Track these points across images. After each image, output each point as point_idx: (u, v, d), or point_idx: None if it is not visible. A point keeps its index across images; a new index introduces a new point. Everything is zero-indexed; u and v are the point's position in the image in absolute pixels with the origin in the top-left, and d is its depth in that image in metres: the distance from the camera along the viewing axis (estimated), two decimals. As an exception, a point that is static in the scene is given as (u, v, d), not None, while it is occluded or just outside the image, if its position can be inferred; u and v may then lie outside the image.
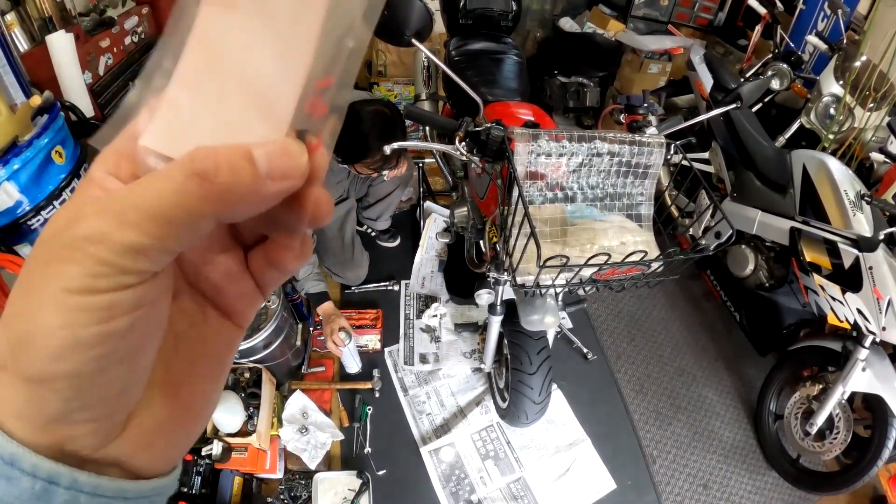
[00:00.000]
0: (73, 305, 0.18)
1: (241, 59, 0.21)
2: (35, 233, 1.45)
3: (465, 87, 1.33)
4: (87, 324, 0.18)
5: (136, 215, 0.18)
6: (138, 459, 0.23)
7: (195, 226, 0.19)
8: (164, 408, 0.23)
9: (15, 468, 0.19)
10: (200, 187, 0.18)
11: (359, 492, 1.79)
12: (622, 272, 1.14)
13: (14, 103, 1.40)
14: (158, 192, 0.18)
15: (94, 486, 0.20)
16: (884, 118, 2.29)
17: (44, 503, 0.19)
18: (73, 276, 0.18)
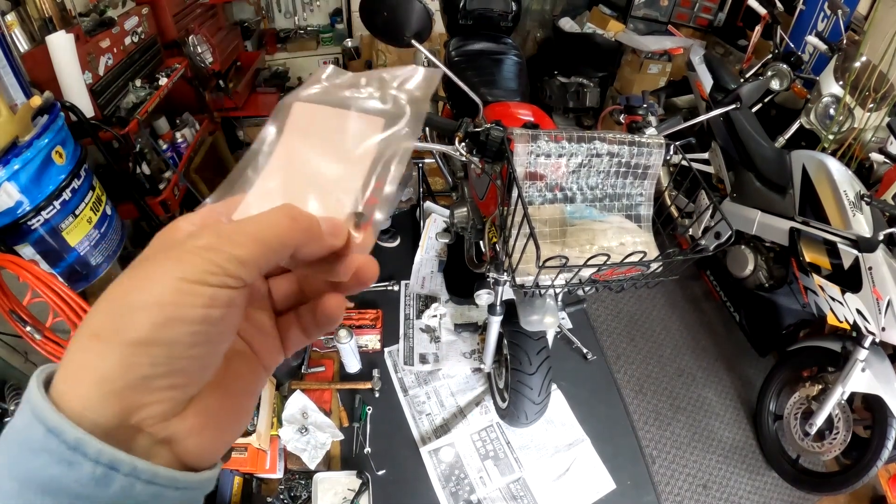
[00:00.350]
0: (186, 290, 0.23)
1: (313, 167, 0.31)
2: (35, 233, 1.45)
3: (464, 87, 1.33)
4: (193, 305, 0.23)
5: (244, 238, 0.25)
6: (189, 442, 0.25)
7: (280, 252, 0.26)
8: (217, 403, 0.27)
9: (78, 453, 0.21)
10: (289, 225, 0.26)
11: (358, 492, 1.79)
12: (622, 272, 1.14)
13: (14, 103, 1.40)
14: (260, 224, 0.26)
15: (151, 473, 0.23)
16: (883, 119, 2.29)
17: (102, 488, 0.21)
18: (190, 270, 0.23)
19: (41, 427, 0.21)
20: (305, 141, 0.32)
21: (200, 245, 0.24)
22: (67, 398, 0.22)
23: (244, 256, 0.24)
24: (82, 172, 1.55)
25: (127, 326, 0.22)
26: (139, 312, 0.22)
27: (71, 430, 0.21)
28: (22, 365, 1.63)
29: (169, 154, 2.26)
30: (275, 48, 3.91)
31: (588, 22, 3.85)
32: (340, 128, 0.32)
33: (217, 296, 0.23)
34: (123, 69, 2.04)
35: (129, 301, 0.23)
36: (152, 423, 0.23)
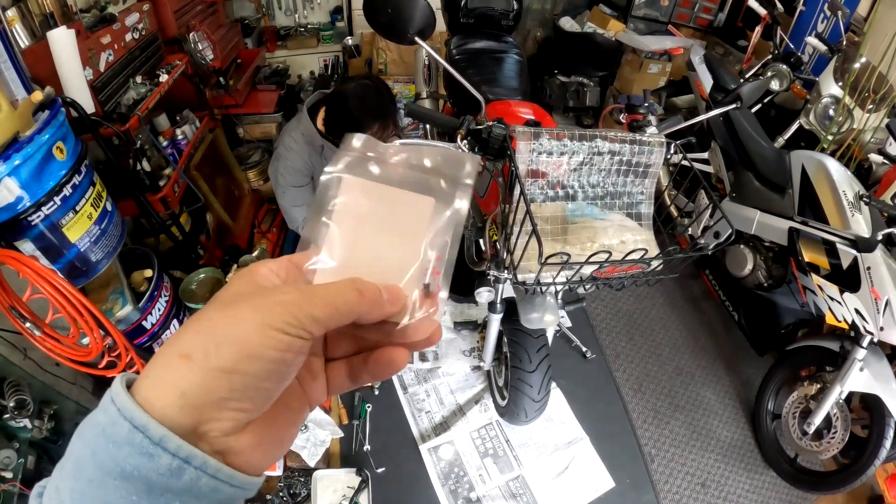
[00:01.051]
0: (269, 335, 0.27)
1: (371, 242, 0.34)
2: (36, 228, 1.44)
3: (466, 85, 1.33)
4: (272, 347, 0.27)
5: (320, 301, 0.30)
6: (240, 458, 0.29)
7: (347, 317, 0.31)
8: (269, 430, 0.31)
9: (159, 447, 0.25)
10: (357, 297, 0.31)
11: (358, 489, 1.79)
12: (622, 270, 1.14)
13: (15, 99, 1.40)
14: (335, 292, 0.31)
15: (216, 469, 0.27)
16: (883, 120, 2.29)
17: (174, 478, 0.26)
18: (275, 319, 0.28)
19: (127, 424, 0.25)
20: (362, 217, 0.34)
21: (286, 300, 0.29)
22: (151, 402, 0.26)
23: (318, 316, 0.29)
24: (83, 168, 1.55)
25: (214, 354, 0.27)
26: (226, 345, 0.27)
27: (157, 428, 0.25)
28: (21, 361, 1.63)
29: (169, 151, 2.25)
30: (275, 46, 3.90)
31: (588, 21, 3.85)
32: (393, 206, 0.34)
33: (292, 344, 0.28)
34: (124, 65, 2.04)
35: (218, 333, 0.27)
36: (215, 435, 0.27)
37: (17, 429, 1.51)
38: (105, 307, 1.77)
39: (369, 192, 0.34)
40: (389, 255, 0.34)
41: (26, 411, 1.51)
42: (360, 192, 0.34)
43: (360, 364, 0.37)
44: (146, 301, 1.85)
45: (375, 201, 0.34)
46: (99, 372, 1.58)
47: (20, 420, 1.50)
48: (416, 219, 0.34)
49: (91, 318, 1.42)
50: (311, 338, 0.29)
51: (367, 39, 3.78)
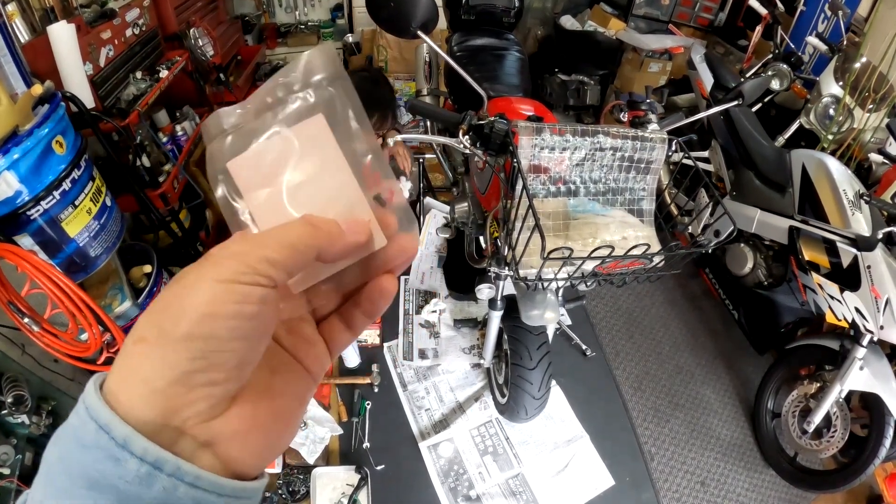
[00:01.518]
0: (220, 290, 0.24)
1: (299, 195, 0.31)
2: (35, 223, 1.44)
3: (469, 79, 1.33)
4: (226, 301, 0.24)
5: (271, 241, 0.26)
6: (232, 446, 0.26)
7: (306, 254, 0.27)
8: (262, 406, 0.28)
9: (125, 450, 0.22)
10: (312, 231, 0.28)
11: (357, 487, 1.79)
12: (624, 266, 1.14)
13: (15, 93, 1.39)
14: (286, 230, 0.28)
15: (194, 476, 0.23)
16: (883, 119, 2.29)
17: (145, 487, 0.22)
18: (224, 272, 0.24)
19: (93, 424, 0.22)
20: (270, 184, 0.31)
21: (234, 250, 0.26)
22: (117, 399, 0.23)
23: (272, 257, 0.26)
24: (82, 163, 1.54)
25: (168, 328, 0.24)
26: (179, 315, 0.24)
27: (120, 427, 0.22)
28: (19, 357, 1.62)
29: (169, 147, 2.25)
30: (275, 43, 3.90)
31: (589, 20, 3.85)
32: (289, 151, 0.31)
33: (250, 293, 0.25)
34: (124, 61, 2.03)
35: (170, 307, 0.24)
36: (194, 423, 0.24)
37: (15, 425, 1.50)
38: (104, 303, 1.77)
39: (258, 160, 0.31)
40: (322, 194, 0.31)
41: (24, 407, 1.51)
42: (251, 167, 0.31)
43: (353, 309, 0.35)
44: (145, 297, 1.84)
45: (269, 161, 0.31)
46: (97, 368, 1.57)
47: (18, 416, 1.50)
48: (321, 145, 0.31)
49: (90, 314, 1.41)
50: (272, 284, 0.25)
51: (368, 37, 3.77)
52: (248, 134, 0.31)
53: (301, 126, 0.31)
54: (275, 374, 0.30)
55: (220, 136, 0.32)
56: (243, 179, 0.31)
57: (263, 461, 0.28)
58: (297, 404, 0.32)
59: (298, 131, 0.30)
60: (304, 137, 0.31)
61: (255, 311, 0.25)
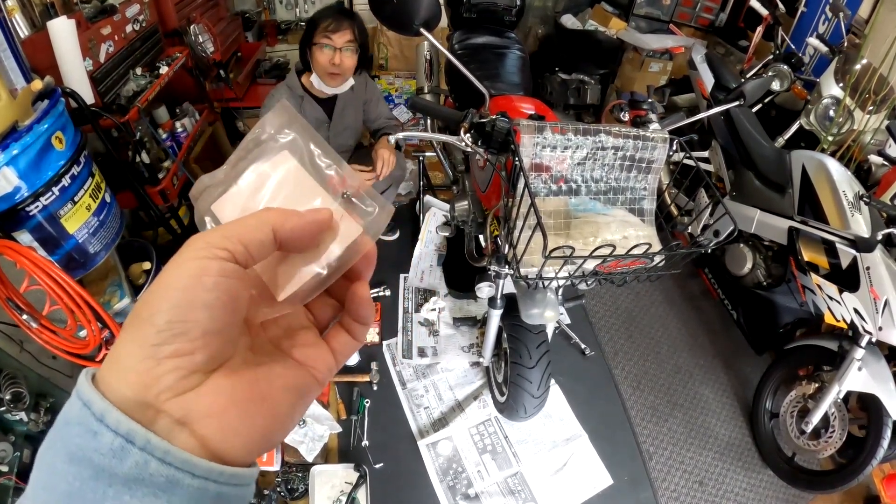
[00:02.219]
0: (182, 266, 0.26)
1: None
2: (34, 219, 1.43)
3: (471, 77, 1.32)
4: (186, 275, 0.26)
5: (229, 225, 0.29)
6: (209, 423, 0.26)
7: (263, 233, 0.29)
8: (240, 383, 0.28)
9: (102, 423, 0.23)
10: (265, 212, 0.30)
11: (356, 485, 1.79)
12: (624, 265, 1.14)
13: (14, 88, 1.39)
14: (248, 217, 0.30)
15: (164, 451, 0.23)
16: (883, 121, 2.30)
17: (118, 461, 0.23)
18: (186, 254, 0.27)
19: (78, 402, 0.24)
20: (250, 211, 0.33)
21: (194, 237, 0.28)
22: (104, 381, 0.25)
23: (228, 233, 0.28)
24: (82, 159, 1.54)
25: (139, 311, 0.26)
26: (148, 298, 0.26)
27: (99, 402, 0.23)
28: (18, 354, 1.62)
29: (168, 143, 2.24)
30: (275, 40, 3.89)
31: (590, 19, 3.85)
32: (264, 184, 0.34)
33: (206, 266, 0.26)
34: (124, 57, 2.03)
35: (148, 296, 0.26)
36: (167, 397, 0.24)
37: (14, 422, 1.50)
38: (103, 299, 1.76)
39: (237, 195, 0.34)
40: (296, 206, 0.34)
41: (22, 404, 1.50)
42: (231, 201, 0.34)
43: (347, 317, 0.36)
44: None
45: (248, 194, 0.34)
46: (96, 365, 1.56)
47: (16, 413, 1.49)
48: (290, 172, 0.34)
49: (89, 311, 1.41)
50: (230, 257, 0.27)
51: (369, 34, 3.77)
52: (228, 181, 0.34)
53: (271, 161, 0.34)
54: (261, 363, 0.31)
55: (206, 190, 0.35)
56: (226, 215, 0.34)
57: (250, 448, 0.27)
58: (291, 396, 0.31)
59: (270, 165, 0.34)
60: (274, 170, 0.34)
61: (214, 281, 0.26)
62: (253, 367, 0.30)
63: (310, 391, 0.33)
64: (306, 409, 0.34)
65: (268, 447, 0.29)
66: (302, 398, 0.32)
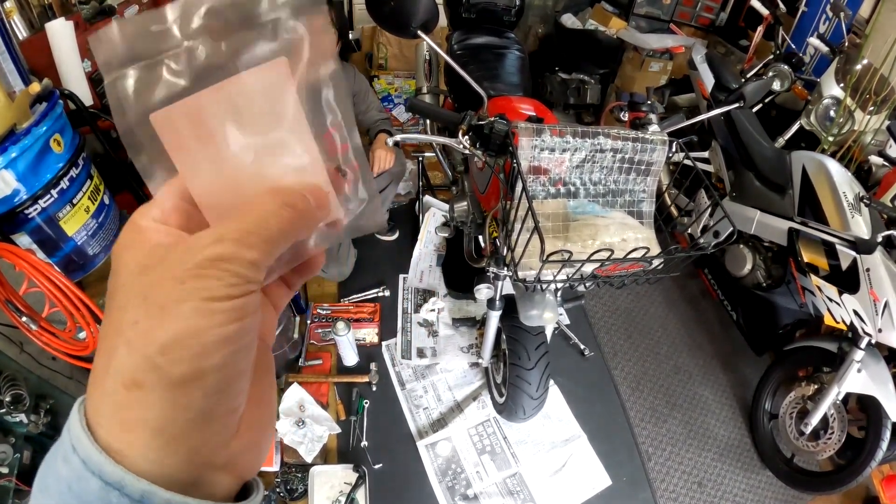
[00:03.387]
0: (217, 309, 0.21)
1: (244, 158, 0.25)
2: (32, 221, 1.44)
3: (469, 79, 1.32)
4: (228, 322, 0.21)
5: (254, 239, 0.23)
6: (245, 459, 0.25)
7: (285, 245, 0.24)
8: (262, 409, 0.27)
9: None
10: (292, 214, 0.24)
11: (355, 485, 1.79)
12: (623, 268, 1.14)
13: (12, 90, 1.39)
14: (265, 219, 0.24)
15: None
16: (883, 122, 2.29)
17: None
18: (214, 288, 0.21)
19: (97, 480, 0.20)
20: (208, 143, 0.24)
21: (213, 255, 0.22)
22: (123, 454, 0.21)
23: (258, 259, 0.23)
24: (80, 161, 1.54)
25: (166, 368, 0.21)
26: (174, 350, 0.21)
27: (135, 483, 0.20)
28: (17, 356, 1.62)
29: (167, 144, 2.24)
30: (275, 40, 3.88)
31: (590, 18, 3.84)
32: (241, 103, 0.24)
33: (245, 305, 0.22)
34: (123, 58, 2.02)
35: (156, 338, 0.21)
36: (215, 453, 0.23)
37: (14, 424, 1.50)
38: (102, 301, 1.76)
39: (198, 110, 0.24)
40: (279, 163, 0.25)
41: (22, 406, 1.50)
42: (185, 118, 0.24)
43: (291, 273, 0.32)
44: (144, 295, 1.84)
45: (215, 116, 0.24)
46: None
47: (16, 415, 1.49)
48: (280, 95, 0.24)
49: (88, 313, 1.41)
50: (260, 286, 0.23)
51: (368, 34, 3.76)
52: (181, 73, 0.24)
53: (257, 70, 0.24)
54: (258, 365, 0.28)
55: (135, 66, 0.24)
56: (172, 138, 0.24)
57: (263, 458, 0.28)
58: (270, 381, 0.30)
59: (254, 76, 0.24)
60: (259, 85, 0.24)
61: (253, 321, 0.23)
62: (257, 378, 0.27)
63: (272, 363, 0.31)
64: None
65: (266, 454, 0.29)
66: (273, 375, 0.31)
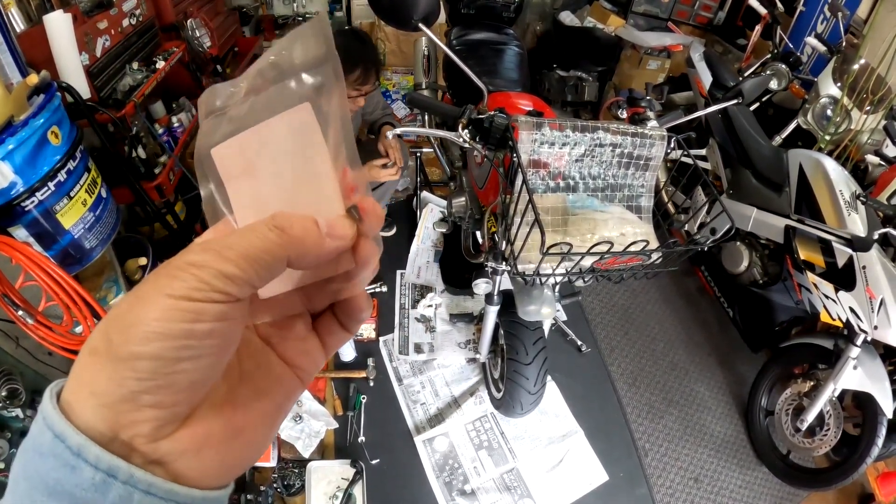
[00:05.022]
0: (170, 305, 0.23)
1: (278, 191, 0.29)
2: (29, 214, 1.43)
3: (469, 73, 1.32)
4: (176, 320, 0.23)
5: (231, 253, 0.24)
6: (183, 463, 0.25)
7: (273, 265, 0.25)
8: (218, 423, 0.27)
9: (80, 458, 0.22)
10: (279, 236, 0.25)
11: (352, 481, 1.79)
12: (622, 262, 1.14)
13: (10, 82, 1.38)
14: (249, 238, 0.25)
15: (148, 483, 0.23)
16: (880, 121, 2.30)
17: (100, 494, 0.22)
18: (177, 287, 0.23)
19: (49, 433, 0.23)
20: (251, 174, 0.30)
21: (188, 261, 0.24)
22: (72, 408, 0.23)
23: (230, 271, 0.24)
24: (78, 154, 1.53)
25: (116, 342, 0.23)
26: (130, 329, 0.23)
27: (74, 436, 0.22)
28: (13, 350, 1.61)
29: (165, 138, 2.23)
30: (273, 34, 3.88)
31: (588, 16, 3.85)
32: (273, 140, 0.29)
33: (203, 310, 0.23)
34: (121, 51, 2.01)
35: (123, 319, 0.23)
36: (141, 442, 0.24)
37: (9, 419, 1.49)
38: (99, 295, 1.76)
39: (242, 148, 0.29)
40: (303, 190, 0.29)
41: (18, 401, 1.50)
42: (234, 155, 0.30)
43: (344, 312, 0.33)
44: (141, 289, 1.83)
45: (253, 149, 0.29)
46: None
47: (12, 410, 1.49)
48: (307, 137, 0.29)
49: (85, 307, 1.40)
50: (231, 299, 0.24)
51: (366, 29, 3.75)
52: (235, 119, 0.30)
53: (287, 115, 0.29)
54: (244, 382, 0.29)
55: (211, 117, 0.31)
56: (225, 168, 0.30)
57: (223, 477, 0.27)
58: (270, 417, 0.30)
59: (284, 120, 0.29)
60: (289, 127, 0.29)
61: (208, 328, 0.23)
62: (230, 395, 0.28)
63: (291, 396, 0.32)
64: (285, 416, 0.32)
65: (242, 470, 0.29)
66: (282, 410, 0.31)
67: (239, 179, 0.30)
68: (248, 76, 0.31)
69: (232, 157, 0.30)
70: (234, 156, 0.30)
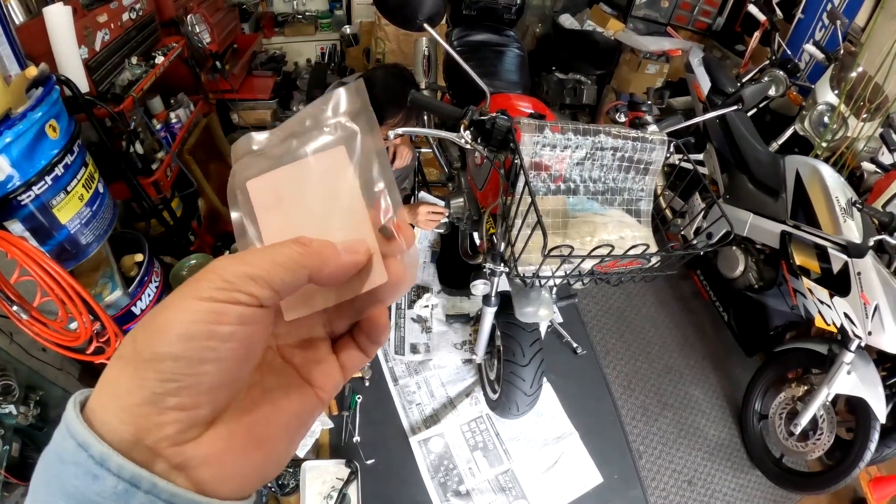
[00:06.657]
0: (195, 307, 0.23)
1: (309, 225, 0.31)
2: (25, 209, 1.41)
3: (473, 75, 1.32)
4: (199, 321, 0.23)
5: (254, 258, 0.26)
6: (205, 471, 0.25)
7: (294, 271, 0.26)
8: (240, 431, 0.27)
9: (102, 467, 0.22)
10: (301, 249, 0.27)
11: (347, 481, 1.79)
12: (621, 265, 1.15)
13: (8, 75, 1.37)
14: (274, 248, 0.27)
15: (170, 493, 0.23)
16: (877, 129, 2.32)
17: (123, 503, 0.22)
18: (202, 289, 0.24)
19: (72, 441, 0.23)
20: (284, 207, 0.32)
21: (216, 265, 0.25)
22: (95, 415, 0.23)
23: (254, 273, 0.25)
24: (75, 148, 1.52)
25: (142, 345, 0.24)
26: (154, 333, 0.24)
27: (97, 445, 0.22)
28: (7, 346, 1.60)
29: (163, 134, 2.22)
30: (272, 32, 3.87)
31: (588, 19, 3.86)
32: (308, 178, 0.32)
33: (225, 311, 0.24)
34: (120, 45, 2.00)
35: (149, 325, 0.24)
36: (165, 445, 0.24)
37: (3, 415, 1.48)
38: (94, 291, 1.75)
39: (277, 182, 0.32)
40: (332, 223, 0.32)
41: (12, 397, 1.48)
42: (269, 188, 0.32)
43: (360, 334, 0.35)
44: (136, 286, 1.82)
45: (287, 185, 0.32)
46: (87, 357, 1.55)
47: (5, 406, 1.47)
48: (338, 176, 0.32)
49: (80, 302, 1.39)
50: (254, 302, 0.25)
51: (366, 28, 3.75)
52: (272, 158, 0.32)
53: (322, 155, 0.32)
54: (266, 396, 0.29)
55: (246, 156, 0.33)
56: (259, 199, 0.32)
57: (242, 488, 0.27)
58: (290, 431, 0.31)
59: (318, 159, 0.32)
60: (323, 166, 0.31)
61: (231, 331, 0.24)
62: (254, 404, 0.28)
63: (312, 415, 0.32)
64: (306, 432, 0.33)
65: (263, 483, 0.29)
66: (303, 425, 0.32)
67: (270, 211, 0.32)
68: (287, 124, 0.34)
69: (266, 189, 0.32)
70: (267, 188, 0.32)
